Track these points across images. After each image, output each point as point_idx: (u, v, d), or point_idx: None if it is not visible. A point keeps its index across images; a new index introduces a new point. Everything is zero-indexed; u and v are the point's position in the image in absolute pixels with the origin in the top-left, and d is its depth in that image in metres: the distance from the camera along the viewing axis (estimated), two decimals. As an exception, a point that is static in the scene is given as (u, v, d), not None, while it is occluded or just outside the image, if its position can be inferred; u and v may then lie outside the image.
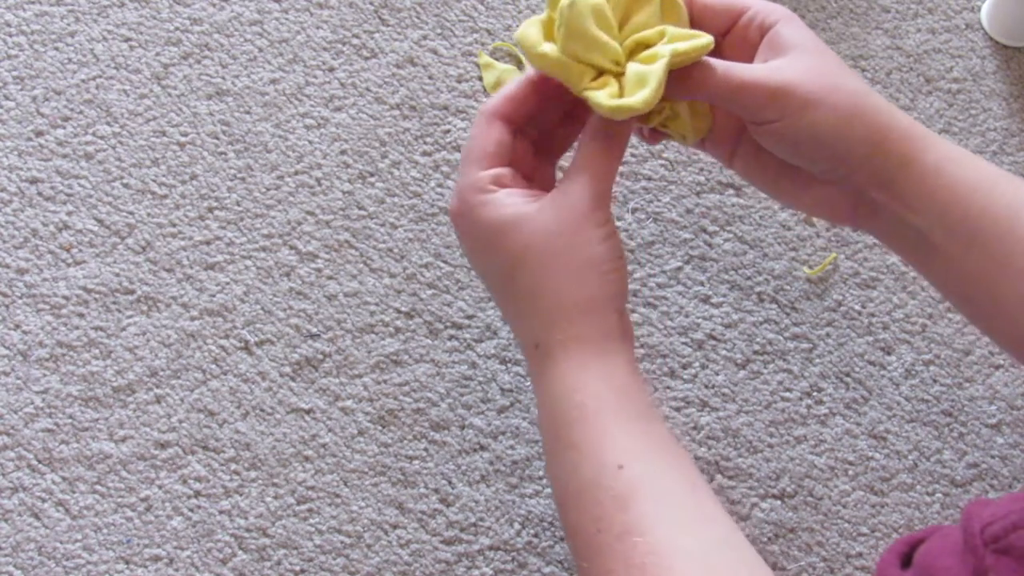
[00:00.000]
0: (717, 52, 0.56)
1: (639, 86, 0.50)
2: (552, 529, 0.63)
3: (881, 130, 0.52)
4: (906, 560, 0.44)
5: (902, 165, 0.52)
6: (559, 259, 0.51)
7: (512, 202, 0.51)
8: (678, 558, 0.46)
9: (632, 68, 0.50)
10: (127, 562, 0.61)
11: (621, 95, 0.50)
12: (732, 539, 0.49)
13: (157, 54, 0.71)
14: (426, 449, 0.64)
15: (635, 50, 0.52)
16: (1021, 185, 0.53)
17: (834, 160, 0.53)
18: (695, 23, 0.55)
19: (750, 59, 0.55)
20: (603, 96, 0.50)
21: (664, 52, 0.50)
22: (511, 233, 0.51)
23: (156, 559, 0.61)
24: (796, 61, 0.52)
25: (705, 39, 0.51)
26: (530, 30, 0.51)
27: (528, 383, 0.66)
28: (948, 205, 0.52)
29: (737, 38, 0.55)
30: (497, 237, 0.52)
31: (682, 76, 0.51)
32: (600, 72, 0.51)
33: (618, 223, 0.70)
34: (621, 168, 0.71)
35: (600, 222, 0.51)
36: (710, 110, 0.55)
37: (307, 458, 0.63)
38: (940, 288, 0.56)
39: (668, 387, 0.66)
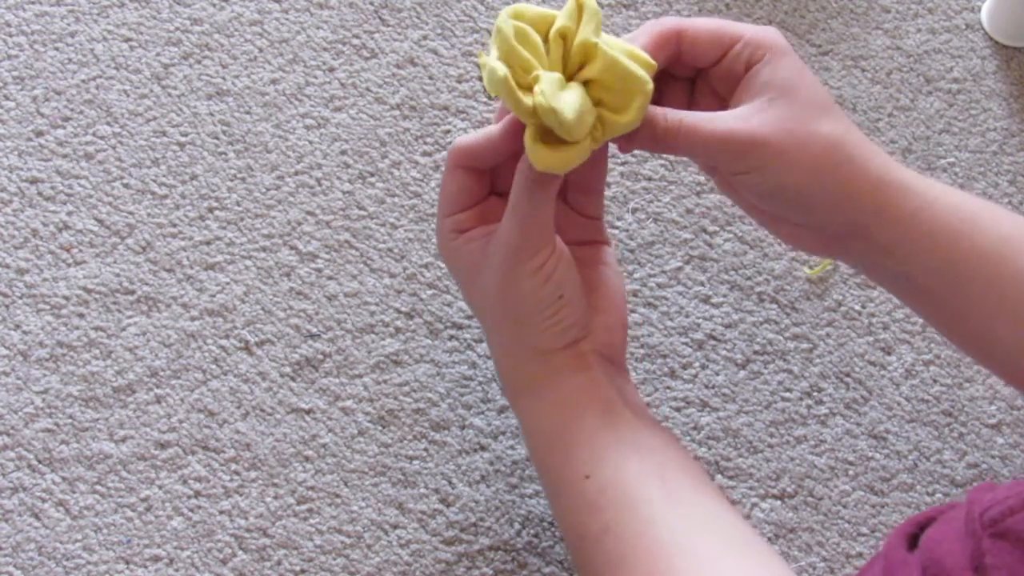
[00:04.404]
0: (705, 81, 0.55)
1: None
2: (552, 529, 0.63)
3: (852, 181, 0.51)
4: (913, 540, 0.44)
5: (876, 214, 0.51)
6: (501, 314, 0.54)
7: (468, 250, 0.55)
8: (651, 549, 0.48)
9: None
10: (127, 562, 0.61)
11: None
12: (711, 516, 0.51)
13: (157, 54, 0.71)
14: (426, 449, 0.64)
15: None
16: (1002, 218, 0.52)
17: (803, 211, 0.52)
18: (686, 54, 0.54)
19: (733, 90, 0.54)
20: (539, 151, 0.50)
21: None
22: (468, 282, 0.56)
23: (156, 559, 0.61)
24: (767, 109, 0.51)
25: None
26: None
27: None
28: (930, 250, 0.51)
29: (725, 70, 0.54)
30: (461, 283, 0.57)
31: (649, 133, 0.51)
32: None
33: (618, 223, 0.70)
34: (621, 168, 0.71)
35: (532, 271, 0.52)
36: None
37: (307, 458, 0.63)
38: (929, 321, 0.56)
39: (668, 387, 0.66)
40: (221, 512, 0.62)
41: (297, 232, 0.68)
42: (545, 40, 0.51)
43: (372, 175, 0.70)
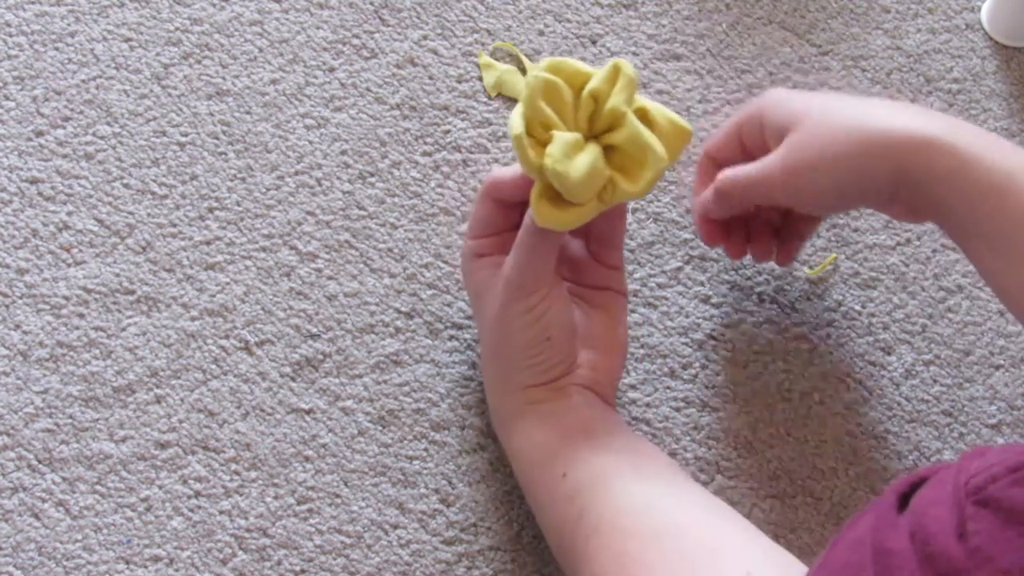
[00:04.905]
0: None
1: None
2: (552, 529, 0.63)
3: (895, 153, 0.53)
4: (905, 500, 0.43)
5: (927, 175, 0.53)
6: (493, 344, 0.59)
7: (481, 276, 0.59)
8: (616, 513, 0.52)
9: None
10: (127, 562, 0.61)
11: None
12: (679, 486, 0.56)
13: (157, 54, 0.71)
14: (426, 449, 0.64)
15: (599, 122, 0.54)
16: None
17: (871, 195, 0.55)
18: (722, 165, 0.62)
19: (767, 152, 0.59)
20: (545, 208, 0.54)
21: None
22: (475, 304, 0.60)
23: (156, 559, 0.61)
24: (791, 139, 0.56)
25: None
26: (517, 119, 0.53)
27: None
28: (972, 212, 0.52)
29: (750, 147, 0.60)
30: (471, 303, 0.61)
31: (714, 196, 0.59)
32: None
33: (618, 223, 0.70)
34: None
35: (523, 310, 0.56)
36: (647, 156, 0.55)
37: (307, 458, 0.63)
38: (990, 286, 0.56)
39: (668, 387, 0.66)
40: (221, 512, 0.62)
41: (297, 232, 0.68)
42: (579, 95, 0.54)
43: (372, 175, 0.70)
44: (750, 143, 0.60)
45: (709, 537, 0.52)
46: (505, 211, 0.59)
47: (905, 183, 0.53)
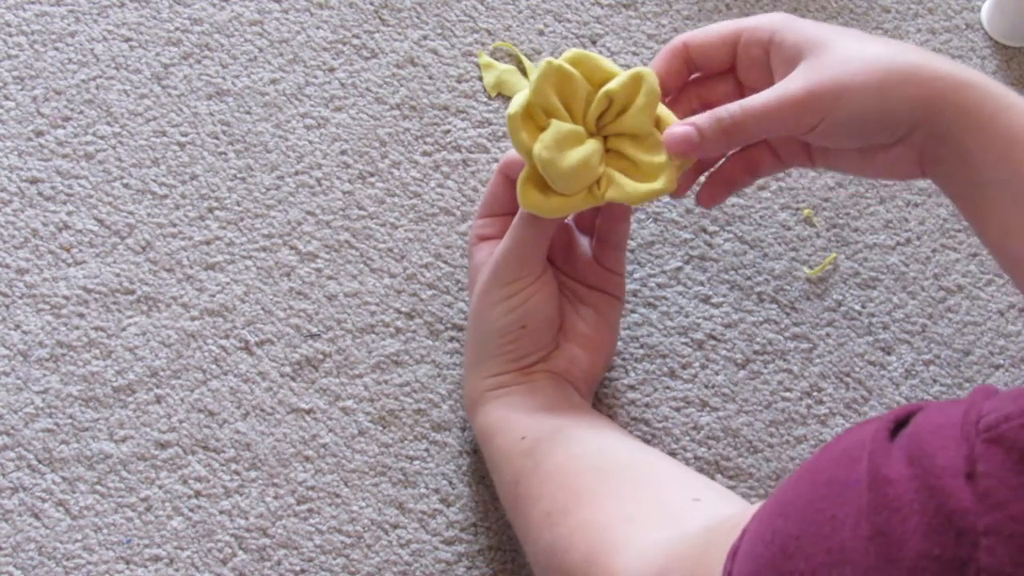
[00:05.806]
0: (735, 84, 0.58)
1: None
2: (552, 529, 0.63)
3: (927, 84, 0.51)
4: (899, 427, 0.41)
5: (958, 115, 0.51)
6: (473, 327, 0.60)
7: (479, 258, 0.60)
8: (570, 460, 0.55)
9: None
10: (127, 562, 0.61)
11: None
12: (625, 441, 0.59)
13: (157, 54, 0.71)
14: (427, 449, 0.64)
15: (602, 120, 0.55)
16: None
17: (891, 128, 0.52)
18: (698, 61, 0.57)
19: (766, 75, 0.55)
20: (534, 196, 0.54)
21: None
22: (469, 285, 0.61)
23: (156, 559, 0.61)
24: (808, 66, 0.52)
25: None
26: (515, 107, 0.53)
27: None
28: (1002, 160, 0.50)
29: (745, 63, 0.56)
30: (469, 285, 0.62)
31: (720, 136, 0.53)
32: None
33: (618, 223, 0.70)
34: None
35: (502, 296, 0.58)
36: (665, 161, 0.54)
37: (307, 458, 0.63)
38: (990, 247, 0.54)
39: (668, 387, 0.66)
40: (221, 512, 0.62)
41: (297, 232, 0.68)
42: (598, 91, 0.54)
43: (372, 175, 0.70)
44: (746, 58, 0.56)
45: (658, 470, 0.55)
46: (514, 191, 0.58)
47: (928, 119, 0.51)
